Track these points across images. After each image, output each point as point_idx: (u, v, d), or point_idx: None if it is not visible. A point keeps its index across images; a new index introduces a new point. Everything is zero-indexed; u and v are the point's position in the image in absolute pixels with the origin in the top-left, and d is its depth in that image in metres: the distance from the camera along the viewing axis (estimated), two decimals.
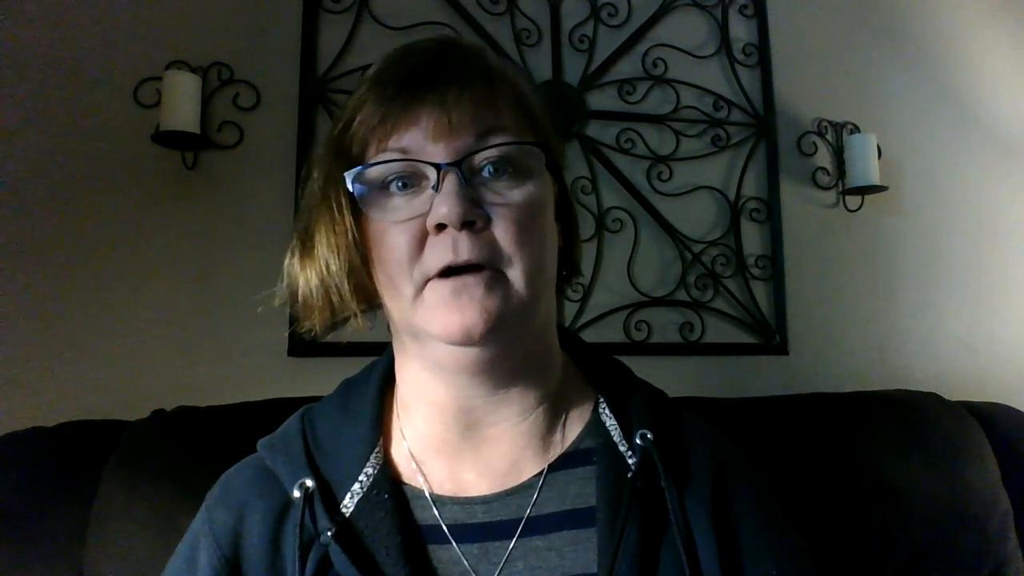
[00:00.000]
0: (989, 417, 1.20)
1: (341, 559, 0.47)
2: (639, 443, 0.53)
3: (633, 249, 1.60)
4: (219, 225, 1.40)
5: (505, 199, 0.48)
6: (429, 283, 0.47)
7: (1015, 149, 1.90)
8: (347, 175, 0.49)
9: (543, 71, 1.59)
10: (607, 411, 0.56)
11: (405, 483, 0.53)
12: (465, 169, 0.47)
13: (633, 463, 0.52)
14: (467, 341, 0.46)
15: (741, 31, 1.74)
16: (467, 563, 0.50)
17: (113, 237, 1.35)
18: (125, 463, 0.87)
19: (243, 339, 1.37)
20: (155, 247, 1.37)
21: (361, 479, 0.51)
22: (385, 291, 0.51)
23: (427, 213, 0.47)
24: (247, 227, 1.40)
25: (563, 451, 0.54)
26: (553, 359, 0.56)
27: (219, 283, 1.38)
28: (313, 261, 0.51)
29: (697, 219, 1.64)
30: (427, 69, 0.49)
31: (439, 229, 0.46)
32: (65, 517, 0.84)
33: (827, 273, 1.71)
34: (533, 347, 0.53)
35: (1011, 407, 1.27)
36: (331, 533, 0.48)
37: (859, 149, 1.68)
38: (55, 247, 1.32)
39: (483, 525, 0.51)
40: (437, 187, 0.46)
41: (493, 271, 0.47)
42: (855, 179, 1.68)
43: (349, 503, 0.50)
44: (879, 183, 1.66)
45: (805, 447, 1.06)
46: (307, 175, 0.54)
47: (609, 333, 1.56)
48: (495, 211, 0.47)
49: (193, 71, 1.40)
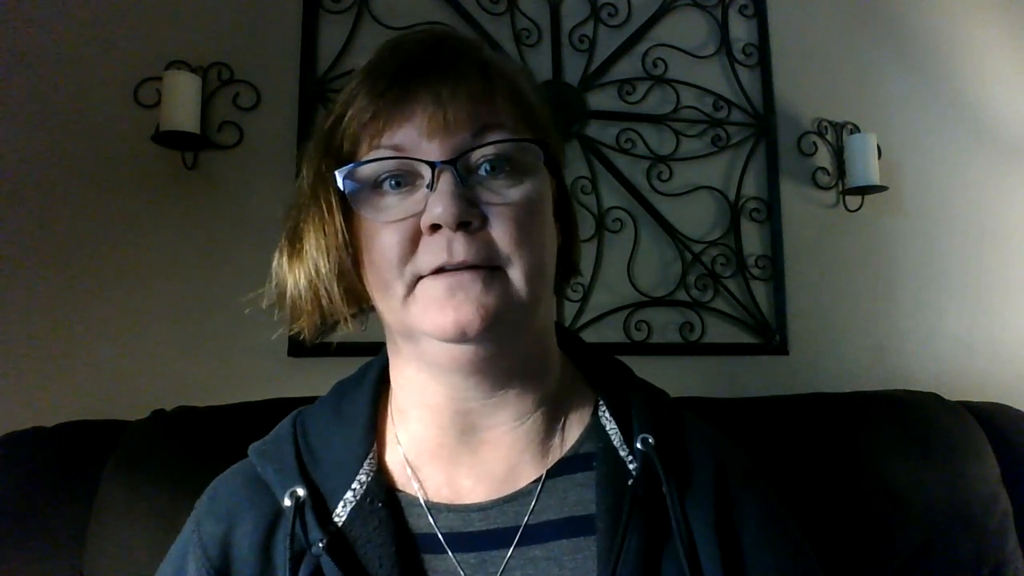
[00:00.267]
0: (989, 417, 1.20)
1: (333, 571, 0.46)
2: (640, 448, 0.51)
3: (633, 249, 1.60)
4: (219, 225, 1.40)
5: (502, 198, 0.46)
6: (421, 280, 0.45)
7: (1015, 149, 1.90)
8: (338, 173, 0.47)
9: (543, 71, 1.59)
10: (607, 414, 0.54)
11: (400, 490, 0.51)
12: (461, 167, 0.45)
13: (634, 469, 0.50)
14: (461, 338, 0.44)
15: (741, 31, 1.74)
16: (463, 573, 0.48)
17: (113, 237, 1.35)
18: (125, 463, 0.87)
19: (243, 339, 1.36)
20: (155, 247, 1.36)
21: (354, 487, 0.49)
22: (376, 292, 0.49)
23: (421, 213, 0.45)
24: (247, 227, 1.40)
25: (562, 456, 0.53)
26: (552, 360, 0.55)
27: (219, 283, 1.38)
28: (302, 262, 0.49)
29: (697, 219, 1.64)
30: (421, 62, 0.47)
31: (434, 229, 0.44)
32: (65, 517, 0.84)
33: (827, 273, 1.71)
34: (532, 348, 0.52)
35: (1011, 407, 1.27)
36: (323, 544, 0.46)
37: (859, 149, 1.68)
38: (55, 247, 1.32)
39: (480, 534, 0.49)
40: (432, 186, 0.44)
41: (491, 269, 0.45)
42: (855, 179, 1.68)
43: (342, 512, 0.49)
44: (879, 183, 1.66)
45: (805, 447, 1.06)
46: (297, 172, 0.52)
47: (609, 333, 1.56)
48: (492, 211, 0.45)
49: (193, 71, 1.40)
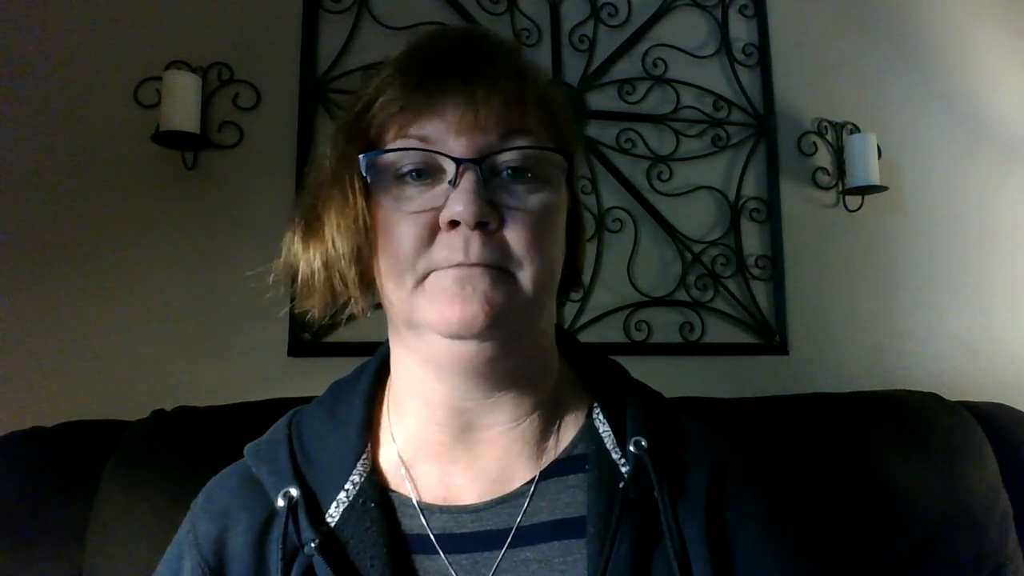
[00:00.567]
0: (989, 417, 1.20)
1: (325, 571, 0.46)
2: (633, 451, 0.51)
3: (633, 249, 1.60)
4: (219, 225, 1.40)
5: (521, 204, 0.46)
6: (432, 273, 0.46)
7: (1015, 149, 1.90)
8: (362, 157, 0.47)
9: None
10: (601, 416, 0.54)
11: (393, 490, 0.51)
12: (485, 168, 0.45)
13: (626, 471, 0.51)
14: (465, 332, 0.45)
15: (741, 31, 1.74)
16: (455, 574, 0.48)
17: (113, 237, 1.35)
18: (125, 463, 0.87)
19: (243, 339, 1.37)
20: (155, 247, 1.36)
21: (347, 487, 0.50)
22: (386, 280, 0.48)
23: (440, 207, 0.45)
24: (247, 227, 1.40)
25: (556, 457, 0.53)
26: (551, 364, 0.55)
27: (219, 283, 1.38)
28: (319, 243, 0.49)
29: (697, 219, 1.64)
30: (458, 58, 0.47)
31: (452, 226, 0.45)
32: (65, 517, 0.84)
33: (827, 273, 1.71)
34: (532, 352, 0.52)
35: (1011, 407, 1.27)
36: (315, 544, 0.47)
37: (859, 149, 1.68)
38: (55, 247, 1.32)
39: (472, 535, 0.50)
40: (454, 182, 0.45)
41: (502, 271, 0.46)
42: (855, 179, 1.68)
43: (335, 512, 0.49)
44: (879, 183, 1.66)
45: (805, 447, 1.06)
46: (314, 158, 0.52)
47: (609, 333, 1.56)
48: (510, 214, 0.46)
49: (193, 71, 1.40)
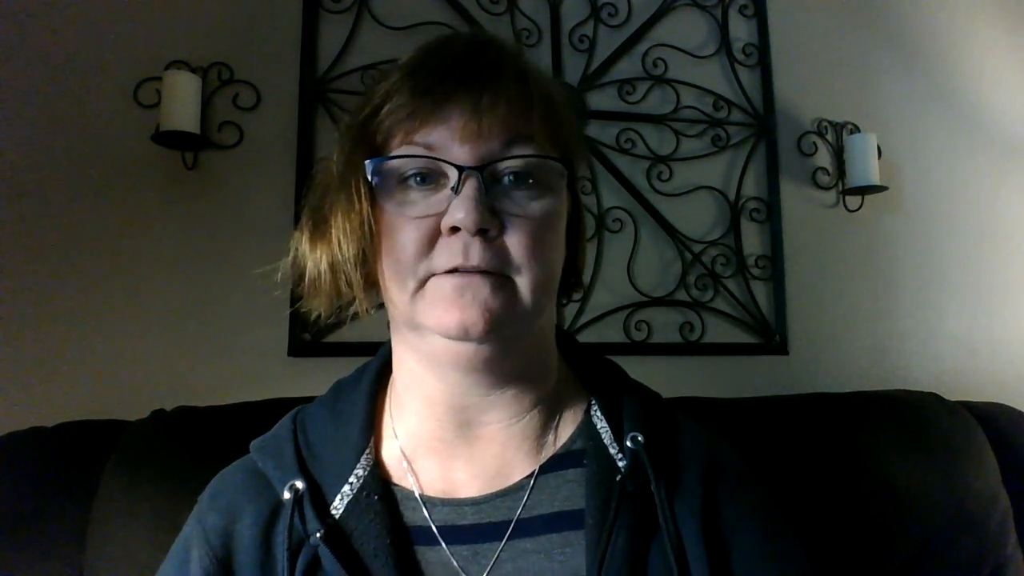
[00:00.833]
0: (989, 417, 1.20)
1: (330, 560, 0.47)
2: (630, 446, 0.52)
3: (633, 249, 1.60)
4: (219, 225, 1.40)
5: (522, 210, 0.48)
6: (432, 278, 0.47)
7: (1015, 149, 1.90)
8: (368, 163, 0.48)
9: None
10: (599, 414, 0.56)
11: (395, 484, 0.53)
12: (487, 175, 0.46)
13: (623, 466, 0.52)
14: (464, 337, 0.46)
15: (741, 31, 1.74)
16: (456, 564, 0.50)
17: (113, 237, 1.35)
18: (125, 463, 0.87)
19: (243, 339, 1.37)
20: (155, 247, 1.36)
21: (351, 481, 0.51)
22: (389, 281, 0.50)
23: (443, 213, 0.46)
24: (247, 227, 1.40)
25: (554, 453, 0.54)
26: (550, 363, 0.56)
27: (219, 283, 1.38)
28: (326, 245, 0.50)
29: (697, 219, 1.64)
30: (463, 66, 0.48)
31: (452, 231, 0.46)
32: (65, 517, 0.84)
33: (827, 273, 1.71)
34: (531, 351, 0.53)
35: (1011, 407, 1.27)
36: (320, 534, 0.48)
37: (859, 149, 1.68)
38: (55, 247, 1.32)
39: (473, 527, 0.51)
40: (457, 189, 0.46)
41: (501, 277, 0.47)
42: (855, 179, 1.68)
43: (339, 505, 0.50)
44: (879, 183, 1.66)
45: (805, 447, 1.06)
46: (321, 159, 0.53)
47: (609, 333, 1.56)
48: (510, 220, 0.47)
49: (193, 71, 1.40)
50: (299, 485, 0.50)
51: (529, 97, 0.49)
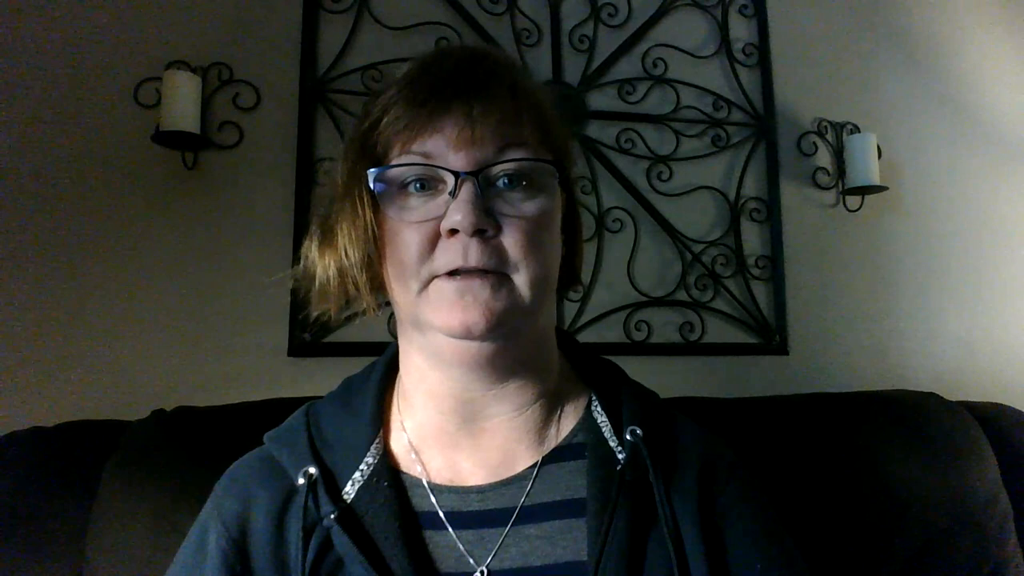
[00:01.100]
0: (989, 417, 1.20)
1: (343, 540, 0.50)
2: (629, 439, 0.55)
3: (633, 249, 1.60)
4: (219, 225, 1.40)
5: (517, 211, 0.50)
6: (435, 280, 0.50)
7: (1015, 149, 1.90)
8: (370, 173, 0.51)
9: (543, 71, 1.59)
10: (599, 408, 0.58)
11: (404, 472, 0.55)
12: (482, 179, 0.49)
13: (622, 457, 0.55)
14: (467, 335, 0.49)
15: (741, 31, 1.74)
16: (463, 548, 0.52)
17: (113, 237, 1.35)
18: (125, 463, 0.87)
19: (243, 339, 1.37)
20: (155, 247, 1.36)
21: (362, 468, 0.54)
22: (394, 284, 0.53)
23: (442, 217, 0.49)
24: (247, 227, 1.40)
25: (557, 444, 0.57)
26: (551, 358, 0.59)
27: (219, 283, 1.38)
28: (334, 252, 0.54)
29: (697, 219, 1.64)
30: (457, 79, 0.51)
31: (451, 234, 0.49)
32: (65, 517, 0.84)
33: (827, 273, 1.71)
34: (532, 347, 0.56)
35: (1011, 407, 1.27)
36: (334, 516, 0.51)
37: (859, 149, 1.68)
38: (55, 247, 1.32)
39: (478, 513, 0.53)
40: (454, 193, 0.49)
41: (499, 275, 0.49)
42: (855, 179, 1.68)
43: (350, 490, 0.53)
44: (879, 183, 1.66)
45: (805, 447, 1.06)
46: (326, 169, 0.56)
47: (609, 333, 1.56)
48: (506, 221, 0.50)
49: (193, 71, 1.40)
50: (312, 471, 0.53)
51: (520, 107, 0.52)
